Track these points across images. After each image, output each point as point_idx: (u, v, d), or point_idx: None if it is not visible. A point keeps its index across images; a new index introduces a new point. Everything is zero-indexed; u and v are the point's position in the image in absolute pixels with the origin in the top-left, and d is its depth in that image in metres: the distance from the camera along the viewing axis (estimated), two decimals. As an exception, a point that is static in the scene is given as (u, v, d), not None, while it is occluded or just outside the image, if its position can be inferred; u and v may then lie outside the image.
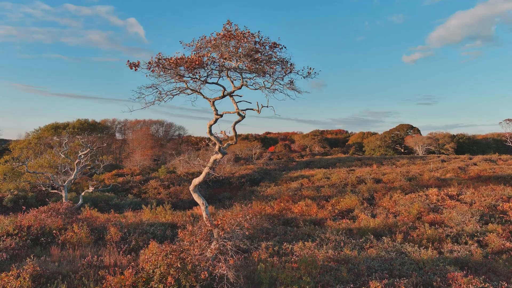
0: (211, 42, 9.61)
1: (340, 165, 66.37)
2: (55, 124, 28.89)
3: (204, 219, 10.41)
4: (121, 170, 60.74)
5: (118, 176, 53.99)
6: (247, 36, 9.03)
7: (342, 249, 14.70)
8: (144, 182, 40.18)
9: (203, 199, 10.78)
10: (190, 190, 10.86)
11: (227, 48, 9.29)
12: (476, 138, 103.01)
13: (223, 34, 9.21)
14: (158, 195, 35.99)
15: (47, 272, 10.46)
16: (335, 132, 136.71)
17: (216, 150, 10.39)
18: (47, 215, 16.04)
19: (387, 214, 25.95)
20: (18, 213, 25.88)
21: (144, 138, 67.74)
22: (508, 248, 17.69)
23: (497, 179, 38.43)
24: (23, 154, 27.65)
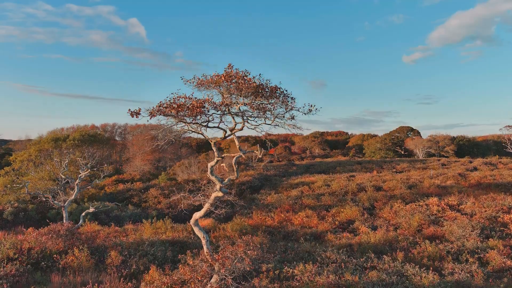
0: (213, 80, 9.61)
1: (340, 169, 66.34)
2: (55, 136, 28.86)
3: (205, 253, 10.41)
4: (121, 175, 60.74)
5: (118, 182, 54.02)
6: (248, 81, 9.03)
7: (343, 272, 14.68)
8: (144, 191, 40.17)
9: (204, 232, 10.78)
10: (191, 223, 10.87)
11: (229, 89, 9.30)
12: (476, 140, 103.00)
13: (224, 76, 9.22)
14: (158, 204, 35.99)
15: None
16: (335, 133, 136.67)
17: (217, 189, 10.39)
18: (47, 237, 16.03)
19: (387, 226, 25.95)
20: (18, 227, 25.92)
21: (144, 143, 67.71)
22: (509, 266, 17.68)
23: (497, 187, 38.40)
24: (23, 166, 27.63)
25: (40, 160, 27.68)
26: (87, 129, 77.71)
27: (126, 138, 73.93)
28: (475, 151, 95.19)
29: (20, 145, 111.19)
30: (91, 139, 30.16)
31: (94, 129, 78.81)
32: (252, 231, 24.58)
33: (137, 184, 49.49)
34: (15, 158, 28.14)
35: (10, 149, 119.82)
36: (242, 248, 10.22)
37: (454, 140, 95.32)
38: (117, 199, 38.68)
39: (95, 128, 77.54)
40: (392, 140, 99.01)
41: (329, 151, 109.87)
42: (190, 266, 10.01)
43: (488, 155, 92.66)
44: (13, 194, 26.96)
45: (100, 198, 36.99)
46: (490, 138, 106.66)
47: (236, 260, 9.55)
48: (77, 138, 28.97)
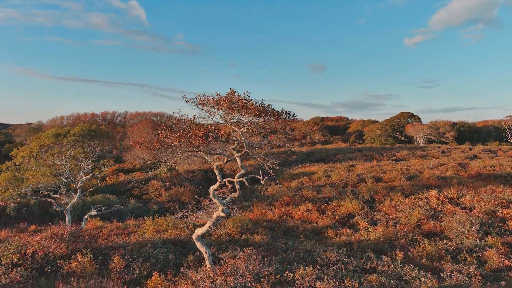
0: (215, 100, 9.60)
1: (340, 157, 66.50)
2: (56, 132, 28.80)
3: (208, 268, 10.55)
4: (122, 164, 60.93)
5: (119, 171, 54.22)
6: (251, 108, 9.02)
7: (343, 276, 14.88)
8: (145, 183, 40.36)
9: (206, 247, 10.91)
10: (193, 239, 10.99)
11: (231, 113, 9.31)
12: (477, 126, 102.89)
13: (225, 101, 9.20)
14: (160, 197, 36.21)
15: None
16: (336, 119, 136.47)
17: (219, 211, 10.48)
18: (51, 242, 16.22)
19: (387, 221, 26.18)
20: (21, 223, 26.13)
21: (145, 131, 67.67)
22: (506, 266, 17.93)
23: (497, 178, 38.59)
24: (25, 161, 27.71)
25: (41, 156, 27.75)
26: (86, 117, 77.60)
27: (126, 126, 73.85)
28: (475, 137, 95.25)
29: (20, 129, 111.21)
30: (91, 134, 30.12)
31: (94, 117, 78.67)
32: (252, 226, 24.79)
33: (138, 174, 49.68)
34: (16, 153, 28.18)
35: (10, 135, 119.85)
36: (244, 262, 10.34)
37: (455, 126, 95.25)
38: (118, 191, 38.91)
39: (95, 116, 77.39)
40: (392, 126, 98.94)
41: (329, 137, 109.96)
42: (193, 280, 10.16)
43: (489, 141, 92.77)
44: (15, 190, 27.08)
45: (101, 190, 37.16)
46: (491, 123, 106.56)
47: (238, 276, 9.69)
48: (77, 133, 28.93)
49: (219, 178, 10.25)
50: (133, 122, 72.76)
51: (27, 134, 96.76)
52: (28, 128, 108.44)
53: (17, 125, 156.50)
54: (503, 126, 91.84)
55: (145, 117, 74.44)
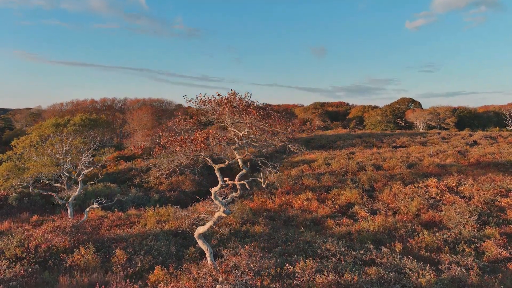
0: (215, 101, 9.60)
1: (340, 143, 66.58)
2: (55, 121, 28.78)
3: (209, 266, 10.70)
4: (122, 151, 61.04)
5: (120, 158, 54.34)
6: (252, 113, 9.00)
7: (342, 269, 15.08)
8: (145, 171, 40.50)
9: (207, 245, 11.03)
10: (195, 236, 11.10)
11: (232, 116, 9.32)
12: (477, 111, 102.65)
13: (226, 104, 9.19)
14: (160, 185, 36.38)
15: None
16: (336, 104, 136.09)
17: (220, 211, 10.57)
18: (53, 235, 16.38)
19: (386, 211, 26.35)
20: (23, 213, 26.32)
21: (145, 118, 67.63)
22: (504, 257, 18.15)
23: (496, 166, 38.72)
24: (25, 151, 27.79)
25: (42, 146, 27.80)
26: (86, 104, 77.35)
27: (125, 113, 73.71)
28: (475, 123, 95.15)
29: (20, 115, 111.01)
30: (92, 124, 30.08)
31: (93, 103, 78.43)
32: (253, 216, 24.98)
33: (139, 162, 49.79)
34: (17, 143, 28.25)
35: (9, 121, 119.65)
36: (245, 260, 10.48)
37: (455, 112, 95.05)
38: (119, 180, 39.09)
39: (95, 103, 77.16)
40: (393, 112, 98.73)
41: (329, 123, 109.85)
42: (194, 277, 10.32)
43: (489, 127, 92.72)
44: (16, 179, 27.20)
45: (102, 178, 37.31)
46: (492, 109, 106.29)
47: (239, 274, 9.83)
48: (77, 123, 28.89)
49: (220, 181, 10.32)
50: (132, 108, 72.59)
51: (27, 120, 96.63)
52: (27, 114, 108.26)
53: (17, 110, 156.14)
54: (504, 112, 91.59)
55: (145, 104, 74.26)
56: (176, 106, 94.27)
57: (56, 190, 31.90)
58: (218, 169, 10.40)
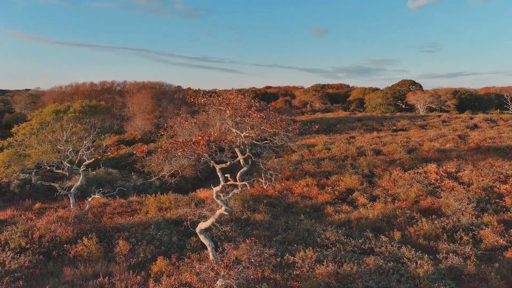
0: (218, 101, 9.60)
1: (340, 126, 66.57)
2: (56, 108, 28.74)
3: (211, 260, 10.89)
4: (122, 135, 61.09)
5: (120, 142, 54.45)
6: (253, 116, 8.99)
7: (342, 258, 15.32)
8: (146, 156, 40.58)
9: (209, 240, 11.19)
10: (197, 231, 11.25)
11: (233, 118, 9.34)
12: (479, 93, 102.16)
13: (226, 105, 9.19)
14: (161, 171, 36.49)
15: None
16: (336, 86, 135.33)
17: (222, 209, 10.68)
18: (57, 225, 16.59)
19: (385, 197, 26.56)
20: (26, 201, 26.54)
21: (144, 101, 67.41)
22: (501, 245, 18.42)
23: (496, 151, 38.81)
24: (26, 139, 27.85)
25: (42, 133, 27.85)
26: (85, 87, 76.95)
27: (125, 96, 73.46)
28: (476, 105, 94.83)
29: (19, 96, 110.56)
30: (92, 110, 30.04)
31: (92, 86, 78.05)
32: (253, 203, 25.21)
33: (139, 146, 49.88)
34: (17, 130, 28.29)
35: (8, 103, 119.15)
36: (246, 254, 10.66)
37: (456, 94, 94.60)
38: (120, 165, 39.28)
39: (94, 86, 76.79)
40: (393, 94, 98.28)
41: (329, 105, 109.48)
42: (197, 272, 10.53)
43: (490, 109, 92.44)
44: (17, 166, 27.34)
45: (103, 163, 37.48)
46: (493, 91, 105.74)
47: (241, 269, 10.02)
48: (78, 110, 28.83)
49: (222, 181, 10.40)
50: (132, 92, 72.28)
51: (26, 102, 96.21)
52: (26, 95, 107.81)
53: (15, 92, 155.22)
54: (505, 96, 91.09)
55: (144, 87, 73.90)
56: (175, 88, 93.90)
57: (58, 177, 32.09)
58: (219, 169, 10.48)
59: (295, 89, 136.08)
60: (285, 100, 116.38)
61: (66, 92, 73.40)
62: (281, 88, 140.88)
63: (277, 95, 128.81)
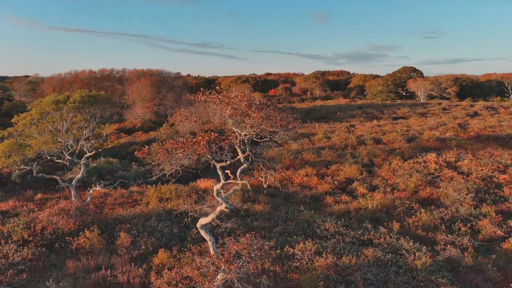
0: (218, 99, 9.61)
1: (341, 114, 66.48)
2: (55, 98, 28.67)
3: (211, 255, 11.03)
4: (122, 123, 61.07)
5: (120, 131, 54.50)
6: (253, 116, 9.00)
7: (341, 251, 15.49)
8: (146, 145, 40.66)
9: (210, 235, 11.32)
10: (198, 227, 11.37)
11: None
12: (480, 80, 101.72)
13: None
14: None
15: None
16: (337, 73, 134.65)
17: (223, 207, 10.77)
18: (59, 218, 16.74)
19: (385, 187, 26.72)
20: (27, 191, 26.69)
21: (144, 89, 67.18)
22: (498, 236, 18.60)
23: (496, 140, 38.87)
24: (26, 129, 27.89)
25: (42, 123, 27.85)
26: (84, 75, 76.61)
27: (125, 84, 73.17)
28: (477, 92, 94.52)
29: (18, 83, 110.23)
30: (91, 100, 29.96)
31: (91, 74, 77.69)
32: (253, 193, 25.37)
33: (139, 135, 49.99)
34: (17, 120, 28.30)
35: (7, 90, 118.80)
36: (247, 249, 10.81)
37: (457, 81, 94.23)
38: (120, 154, 39.37)
39: (93, 74, 76.42)
40: (394, 81, 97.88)
41: (330, 92, 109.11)
42: (197, 266, 10.69)
43: (491, 96, 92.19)
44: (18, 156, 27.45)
45: (103, 153, 37.56)
46: (494, 78, 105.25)
47: (241, 264, 10.17)
48: (77, 100, 28.76)
49: (222, 179, 10.48)
50: (131, 79, 71.98)
51: (25, 89, 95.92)
52: (25, 82, 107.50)
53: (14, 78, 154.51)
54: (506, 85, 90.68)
55: (143, 75, 73.56)
56: (175, 75, 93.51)
57: (58, 166, 32.21)
58: (220, 167, 10.55)
59: (295, 76, 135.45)
60: (285, 87, 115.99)
61: (66, 80, 73.10)
62: (281, 75, 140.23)
63: (277, 82, 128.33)
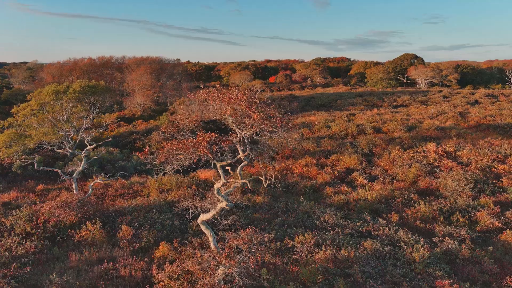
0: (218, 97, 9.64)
1: (341, 102, 66.29)
2: (55, 89, 28.64)
3: (212, 249, 11.19)
4: (122, 112, 60.99)
5: (120, 119, 54.45)
6: (253, 117, 9.03)
7: (340, 243, 15.68)
8: (146, 134, 40.75)
9: (211, 230, 11.46)
10: (198, 222, 11.50)
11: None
12: (481, 67, 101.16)
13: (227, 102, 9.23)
14: (162, 149, 36.69)
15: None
16: (338, 59, 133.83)
17: (223, 204, 10.87)
18: (60, 210, 16.88)
19: (384, 177, 26.83)
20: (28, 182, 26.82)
21: (144, 78, 66.89)
22: (496, 227, 18.78)
23: (496, 129, 38.87)
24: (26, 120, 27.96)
25: (42, 113, 27.90)
26: (84, 63, 76.19)
27: (124, 72, 72.82)
28: (478, 79, 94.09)
29: (16, 70, 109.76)
30: (91, 90, 29.94)
31: (91, 61, 77.24)
32: (254, 184, 25.48)
33: (139, 123, 49.96)
34: (17, 110, 28.35)
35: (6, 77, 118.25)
36: (247, 244, 10.96)
37: (458, 68, 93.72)
38: (120, 143, 39.43)
39: (92, 61, 75.98)
40: (395, 68, 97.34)
41: (330, 80, 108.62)
42: (198, 261, 10.85)
43: (492, 83, 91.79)
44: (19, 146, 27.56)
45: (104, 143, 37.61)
46: (496, 65, 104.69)
47: (241, 260, 10.33)
48: (77, 90, 28.74)
49: (223, 178, 10.56)
50: (131, 68, 71.61)
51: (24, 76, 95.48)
52: (24, 69, 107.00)
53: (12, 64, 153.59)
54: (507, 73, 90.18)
55: (143, 63, 73.13)
56: (174, 61, 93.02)
57: (59, 156, 32.31)
58: (220, 166, 10.63)
59: (295, 62, 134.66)
60: (285, 74, 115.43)
61: (65, 68, 72.72)
62: (281, 62, 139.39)
63: (277, 69, 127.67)
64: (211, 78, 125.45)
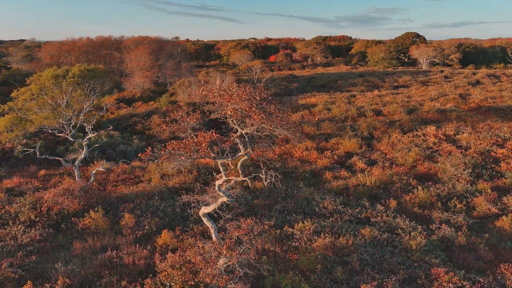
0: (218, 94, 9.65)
1: (341, 83, 65.99)
2: (54, 73, 28.52)
3: (214, 240, 11.43)
4: (122, 93, 60.75)
5: (120, 101, 54.29)
6: (254, 118, 9.05)
7: (338, 230, 15.97)
8: (147, 117, 40.76)
9: (212, 222, 11.68)
10: (200, 215, 11.71)
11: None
12: (484, 46, 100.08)
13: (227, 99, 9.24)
14: (162, 133, 36.83)
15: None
16: (339, 38, 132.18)
17: (224, 199, 11.04)
18: (64, 198, 17.12)
19: (383, 161, 27.00)
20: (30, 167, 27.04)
21: (143, 58, 66.33)
22: (493, 213, 19.07)
23: (496, 112, 38.85)
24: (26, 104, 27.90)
25: (42, 97, 27.81)
26: (82, 43, 75.39)
27: (123, 52, 72.14)
28: (480, 58, 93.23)
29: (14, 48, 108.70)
30: (91, 74, 29.78)
31: (89, 41, 76.42)
32: (254, 169, 25.75)
33: (139, 105, 49.84)
34: (17, 95, 28.24)
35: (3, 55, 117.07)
36: (248, 235, 11.19)
37: (460, 47, 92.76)
38: (121, 126, 39.51)
39: (90, 41, 75.16)
40: (396, 47, 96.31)
41: (331, 59, 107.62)
42: (200, 252, 11.12)
43: (494, 63, 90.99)
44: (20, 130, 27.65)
45: (104, 124, 37.68)
46: (498, 43, 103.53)
47: (242, 251, 10.58)
48: (77, 74, 28.58)
49: (224, 176, 10.70)
50: (130, 48, 70.91)
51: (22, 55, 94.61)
52: (22, 47, 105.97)
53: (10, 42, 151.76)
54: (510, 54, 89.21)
55: (142, 43, 72.36)
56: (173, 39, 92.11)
57: (60, 140, 32.43)
58: (221, 163, 10.75)
59: (296, 41, 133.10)
60: (285, 53, 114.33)
61: (63, 48, 72.03)
62: (281, 41, 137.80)
63: (278, 48, 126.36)
64: (211, 57, 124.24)
